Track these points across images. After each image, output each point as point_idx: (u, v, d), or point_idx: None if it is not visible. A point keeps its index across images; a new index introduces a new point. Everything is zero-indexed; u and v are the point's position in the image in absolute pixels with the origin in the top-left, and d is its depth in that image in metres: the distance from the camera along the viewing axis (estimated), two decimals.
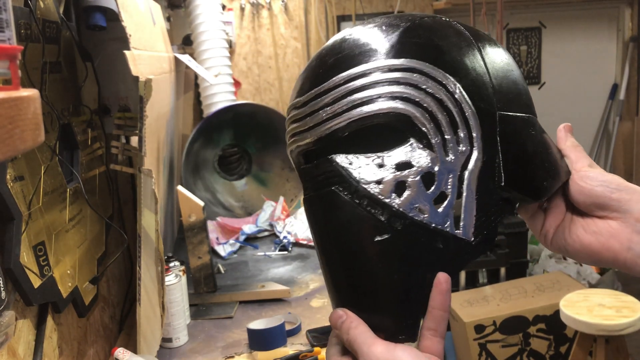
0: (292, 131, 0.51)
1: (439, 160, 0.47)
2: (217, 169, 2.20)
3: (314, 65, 0.51)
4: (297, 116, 0.50)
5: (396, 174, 0.47)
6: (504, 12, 3.07)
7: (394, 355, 0.44)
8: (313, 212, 0.51)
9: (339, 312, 0.48)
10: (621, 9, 3.86)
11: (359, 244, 0.47)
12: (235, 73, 3.18)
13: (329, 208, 0.49)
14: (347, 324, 0.47)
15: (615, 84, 3.93)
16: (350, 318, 0.48)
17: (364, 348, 0.45)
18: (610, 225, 0.48)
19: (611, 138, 3.96)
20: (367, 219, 0.47)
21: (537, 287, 2.65)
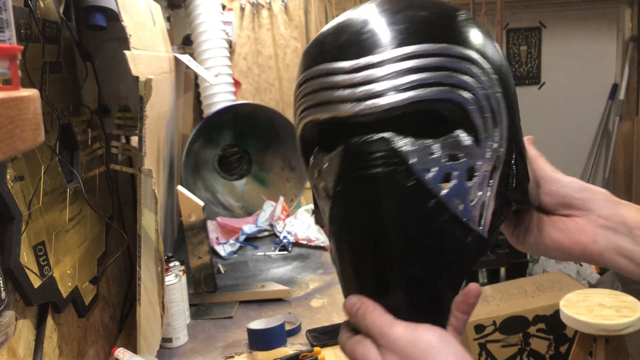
0: (329, 98, 0.46)
1: (481, 156, 0.48)
2: (217, 169, 2.20)
3: (356, 28, 0.47)
4: (344, 82, 0.45)
5: (446, 164, 0.47)
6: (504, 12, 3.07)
7: (417, 334, 0.44)
8: (358, 191, 0.47)
9: (353, 299, 0.48)
10: (621, 9, 3.86)
11: (404, 230, 0.47)
12: (235, 73, 3.18)
13: (380, 189, 0.46)
14: (363, 310, 0.47)
15: (615, 84, 3.93)
16: (365, 303, 0.47)
17: (384, 329, 0.45)
18: (576, 222, 0.52)
19: (611, 138, 3.96)
20: (416, 206, 0.46)
21: (537, 287, 2.65)
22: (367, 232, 0.47)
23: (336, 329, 1.21)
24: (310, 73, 0.48)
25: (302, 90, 0.49)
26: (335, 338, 1.16)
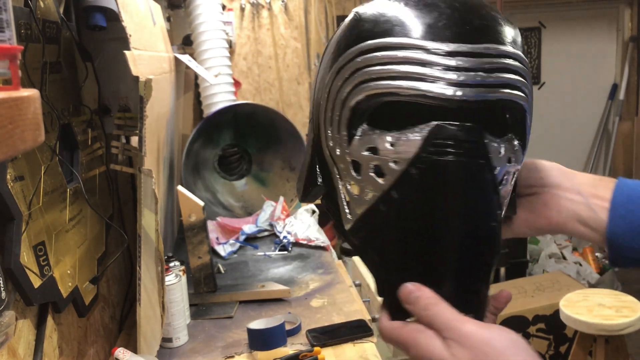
0: (425, 75, 0.45)
1: (520, 162, 0.51)
2: (217, 169, 2.20)
3: (477, 16, 0.47)
4: (466, 64, 0.45)
5: (506, 165, 0.49)
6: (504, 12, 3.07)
7: (492, 334, 0.44)
8: (441, 176, 0.46)
9: (410, 286, 0.47)
10: (621, 9, 3.86)
11: (474, 222, 0.48)
12: (235, 73, 3.18)
13: (465, 177, 0.46)
14: (425, 300, 0.46)
15: (615, 84, 3.93)
16: (425, 293, 0.47)
17: (453, 323, 0.44)
18: (540, 199, 0.57)
19: (611, 138, 3.96)
20: (487, 200, 0.48)
21: (536, 287, 2.66)
22: (441, 218, 0.47)
23: (336, 329, 1.21)
24: (401, 43, 0.46)
25: (379, 56, 0.47)
26: (335, 338, 1.16)
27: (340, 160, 0.51)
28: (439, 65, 0.45)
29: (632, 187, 0.53)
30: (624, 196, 0.53)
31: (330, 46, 0.53)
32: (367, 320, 1.24)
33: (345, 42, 0.50)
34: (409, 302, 0.47)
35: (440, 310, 0.46)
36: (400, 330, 0.48)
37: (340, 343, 1.16)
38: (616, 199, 0.53)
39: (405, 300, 0.48)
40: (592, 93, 3.95)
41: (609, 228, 0.52)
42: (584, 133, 3.99)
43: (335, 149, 0.51)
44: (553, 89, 3.91)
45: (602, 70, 3.93)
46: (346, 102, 0.49)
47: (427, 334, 0.46)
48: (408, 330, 0.47)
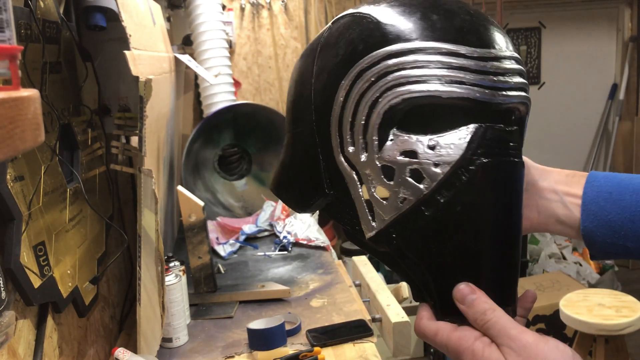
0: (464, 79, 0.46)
1: None
2: (217, 169, 2.20)
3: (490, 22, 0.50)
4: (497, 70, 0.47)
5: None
6: (504, 12, 3.07)
7: (548, 347, 0.44)
8: (493, 177, 0.47)
9: (466, 288, 0.48)
10: (621, 9, 3.86)
11: (518, 221, 0.50)
12: (235, 73, 3.18)
13: (514, 178, 0.49)
14: (482, 305, 0.47)
15: (615, 84, 3.93)
16: (482, 296, 0.47)
17: (512, 332, 0.45)
18: None
19: (611, 138, 3.96)
20: (520, 199, 0.50)
21: (536, 287, 2.65)
22: (494, 218, 0.48)
23: (336, 329, 1.21)
24: (435, 47, 0.46)
25: (411, 59, 0.46)
26: (335, 338, 1.16)
27: (366, 166, 0.49)
28: (473, 70, 0.46)
29: (602, 182, 0.53)
30: (594, 192, 0.53)
31: (334, 47, 0.51)
32: (367, 320, 1.24)
33: (363, 45, 0.48)
34: (464, 303, 0.48)
35: (498, 317, 0.46)
36: (452, 334, 0.48)
37: (340, 343, 1.16)
38: (587, 196, 0.53)
39: (461, 302, 0.48)
40: (592, 93, 3.95)
41: (582, 225, 0.53)
42: (584, 133, 3.99)
43: (360, 155, 0.49)
44: (553, 89, 3.91)
45: (602, 70, 3.93)
46: (376, 105, 0.48)
47: (483, 341, 0.46)
48: (462, 336, 0.47)
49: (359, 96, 0.48)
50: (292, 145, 0.57)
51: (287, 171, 0.58)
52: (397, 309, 1.28)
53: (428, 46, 0.46)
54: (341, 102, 0.50)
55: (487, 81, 0.46)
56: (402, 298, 1.53)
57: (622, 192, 0.52)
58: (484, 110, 0.47)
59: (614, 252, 0.53)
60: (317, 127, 0.53)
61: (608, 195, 0.52)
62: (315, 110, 0.53)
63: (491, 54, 0.47)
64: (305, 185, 0.55)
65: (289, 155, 0.58)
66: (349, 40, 0.50)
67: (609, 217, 0.52)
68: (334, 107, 0.50)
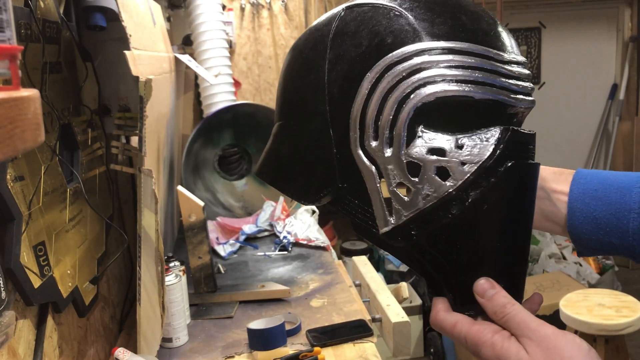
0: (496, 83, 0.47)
1: None
2: (217, 169, 2.20)
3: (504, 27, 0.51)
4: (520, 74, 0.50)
5: None
6: (504, 12, 3.07)
7: (566, 340, 0.45)
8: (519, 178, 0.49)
9: (486, 283, 0.49)
10: (621, 9, 3.86)
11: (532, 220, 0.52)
12: (235, 73, 3.18)
13: (534, 179, 0.51)
14: (502, 299, 0.48)
15: (615, 84, 3.93)
16: (502, 291, 0.49)
17: (532, 325, 0.46)
18: None
19: (611, 138, 3.96)
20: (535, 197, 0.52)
21: (536, 287, 2.65)
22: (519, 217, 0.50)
23: (336, 329, 1.21)
24: (468, 49, 0.47)
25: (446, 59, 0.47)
26: (335, 338, 1.16)
27: (390, 161, 0.49)
28: (503, 74, 0.48)
29: (588, 179, 0.54)
30: (580, 189, 0.54)
31: (356, 36, 0.50)
32: (367, 320, 1.24)
33: (393, 38, 0.48)
34: (484, 297, 0.49)
35: (517, 311, 0.48)
36: (471, 327, 0.49)
37: (340, 343, 1.16)
38: (573, 193, 0.54)
39: (481, 295, 0.49)
40: (592, 93, 3.95)
41: (568, 222, 0.54)
42: (584, 133, 3.99)
43: (384, 150, 0.49)
44: (553, 89, 3.91)
45: (602, 70, 3.93)
46: (407, 101, 0.47)
47: (503, 334, 0.47)
48: (481, 329, 0.48)
49: (387, 90, 0.48)
50: (291, 135, 0.56)
51: (286, 161, 0.57)
52: (397, 309, 1.28)
53: (462, 47, 0.47)
54: (365, 94, 0.49)
55: (514, 86, 0.48)
56: (402, 298, 1.53)
57: (607, 189, 0.53)
58: (508, 113, 0.49)
59: (600, 249, 0.54)
60: (331, 118, 0.51)
61: (594, 192, 0.53)
62: (330, 100, 0.51)
63: (513, 59, 0.49)
64: (312, 177, 0.55)
65: (286, 144, 0.56)
66: (374, 32, 0.49)
67: (595, 214, 0.53)
68: (357, 99, 0.49)
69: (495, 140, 0.47)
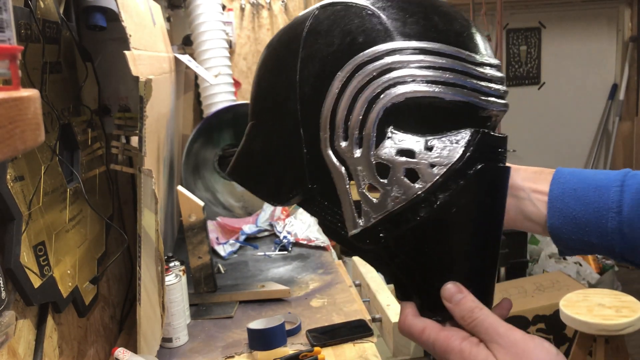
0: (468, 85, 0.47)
1: None
2: (217, 169, 2.20)
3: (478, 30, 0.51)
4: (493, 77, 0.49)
5: None
6: (504, 12, 3.07)
7: (534, 344, 0.45)
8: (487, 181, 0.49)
9: (453, 287, 0.49)
10: (621, 9, 3.86)
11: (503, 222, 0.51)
12: (235, 73, 3.18)
13: (504, 183, 0.50)
14: (470, 303, 0.48)
15: (615, 84, 3.93)
16: (469, 294, 0.49)
17: (500, 330, 0.46)
18: None
19: (611, 138, 3.96)
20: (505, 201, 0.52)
21: (536, 287, 2.66)
22: (488, 220, 0.50)
23: (336, 329, 1.21)
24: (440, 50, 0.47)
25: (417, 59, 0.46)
26: (335, 338, 1.16)
27: (359, 162, 0.48)
28: (475, 76, 0.47)
29: (568, 178, 0.54)
30: (560, 189, 0.54)
31: (327, 35, 0.49)
32: (367, 320, 1.24)
33: (365, 37, 0.47)
34: (452, 302, 0.48)
35: (485, 315, 0.47)
36: (439, 333, 0.48)
37: (340, 343, 1.16)
38: (553, 193, 0.54)
39: (448, 300, 0.49)
40: (592, 93, 3.95)
41: (548, 222, 0.54)
42: (584, 133, 3.99)
43: (353, 151, 0.48)
44: (553, 89, 3.91)
45: (602, 70, 3.93)
46: (376, 101, 0.47)
47: (471, 341, 0.47)
48: (449, 336, 0.47)
49: (358, 90, 0.47)
50: (263, 134, 0.55)
51: (257, 161, 0.56)
52: (397, 309, 1.28)
53: (432, 47, 0.46)
54: (335, 94, 0.48)
55: (485, 87, 0.48)
56: None
57: (586, 189, 0.52)
58: (480, 116, 0.48)
59: (580, 248, 0.54)
60: (302, 117, 0.51)
61: (573, 191, 0.53)
62: (302, 100, 0.50)
63: (486, 61, 0.49)
64: (282, 177, 0.54)
65: (258, 144, 0.55)
66: (346, 31, 0.48)
67: (574, 214, 0.52)
68: (327, 99, 0.49)
69: (465, 143, 0.47)
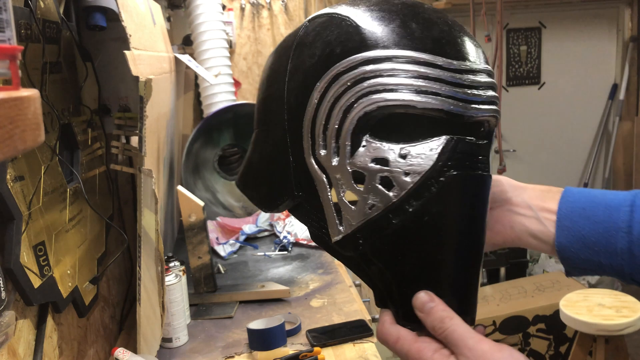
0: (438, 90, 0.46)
1: None
2: (217, 169, 2.20)
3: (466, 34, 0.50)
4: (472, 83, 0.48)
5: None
6: (504, 12, 3.07)
7: (502, 355, 0.45)
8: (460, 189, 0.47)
9: (425, 296, 0.48)
10: (621, 9, 3.86)
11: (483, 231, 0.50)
12: (235, 73, 3.18)
13: (480, 192, 0.49)
14: (440, 312, 0.47)
15: (615, 84, 3.93)
16: (440, 304, 0.48)
17: (469, 342, 0.45)
18: (492, 215, 0.57)
19: (611, 138, 3.96)
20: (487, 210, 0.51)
21: (536, 287, 2.66)
22: (460, 229, 0.48)
23: (336, 329, 1.21)
24: (413, 57, 0.46)
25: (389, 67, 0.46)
26: (335, 338, 1.16)
27: (337, 170, 0.49)
28: (449, 82, 0.46)
29: (577, 198, 0.54)
30: (569, 208, 0.53)
31: (312, 47, 0.50)
32: (367, 320, 1.24)
33: (341, 48, 0.48)
34: (423, 311, 0.48)
35: (456, 325, 0.47)
36: (412, 344, 0.48)
37: (340, 343, 1.16)
38: (561, 211, 0.54)
39: (420, 309, 0.48)
40: (592, 93, 3.95)
41: (556, 240, 0.53)
42: (584, 133, 3.99)
43: (331, 159, 0.49)
44: (553, 89, 3.91)
45: (602, 70, 3.93)
46: (350, 111, 0.47)
47: (442, 353, 0.46)
48: (422, 348, 0.48)
49: (334, 100, 0.48)
50: (261, 143, 0.56)
51: (254, 169, 0.58)
52: None
53: (405, 55, 0.46)
54: (315, 104, 0.49)
55: (461, 94, 0.47)
56: None
57: (595, 208, 0.52)
58: (456, 123, 0.47)
59: (588, 268, 0.53)
60: (289, 127, 0.52)
61: (582, 210, 0.53)
62: (288, 110, 0.52)
63: (466, 67, 0.47)
64: (273, 185, 0.55)
65: (257, 152, 0.57)
66: (327, 42, 0.49)
67: (583, 233, 0.52)
68: (308, 109, 0.50)
69: (438, 151, 0.46)
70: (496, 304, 2.50)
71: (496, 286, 2.72)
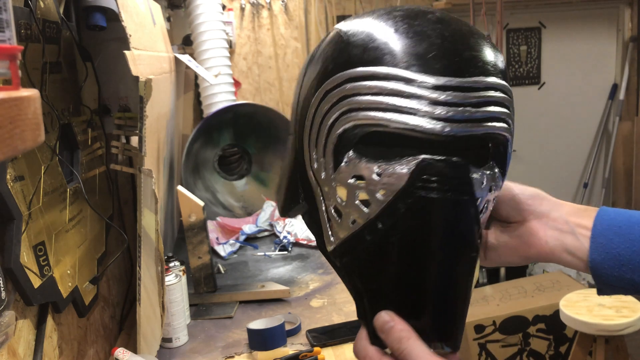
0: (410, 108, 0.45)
1: (500, 189, 0.52)
2: (217, 169, 2.20)
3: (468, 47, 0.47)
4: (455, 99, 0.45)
5: (487, 194, 0.50)
6: (504, 12, 3.07)
7: None
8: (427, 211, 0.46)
9: (385, 316, 0.48)
10: (621, 9, 3.86)
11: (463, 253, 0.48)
12: (235, 73, 3.18)
13: (455, 215, 0.47)
14: (398, 333, 0.47)
15: (615, 84, 3.93)
16: (399, 324, 0.48)
17: None
18: (528, 227, 0.56)
19: (611, 138, 3.96)
20: (473, 232, 0.49)
21: (536, 287, 2.65)
22: (426, 251, 0.47)
23: (336, 329, 1.21)
24: (390, 74, 0.45)
25: (367, 85, 0.46)
26: (335, 338, 1.16)
27: (325, 184, 0.50)
28: (427, 99, 0.44)
29: (612, 216, 0.54)
30: (604, 225, 0.53)
31: (317, 62, 0.51)
32: None
33: (333, 65, 0.48)
34: (382, 331, 0.48)
35: (412, 346, 0.46)
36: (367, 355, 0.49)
37: (340, 343, 1.16)
38: (596, 228, 0.53)
39: (380, 329, 0.48)
40: (592, 93, 3.95)
41: (590, 257, 0.53)
42: (584, 133, 3.99)
43: (320, 172, 0.50)
44: (553, 89, 3.91)
45: (602, 70, 3.93)
46: (333, 128, 0.48)
47: None
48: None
49: (322, 116, 0.49)
50: (287, 149, 0.58)
51: (281, 174, 0.60)
52: None
53: (384, 72, 0.45)
54: (311, 119, 0.50)
55: (443, 112, 0.44)
56: None
57: (631, 226, 0.52)
58: (434, 142, 0.46)
59: (621, 286, 0.53)
60: (297, 138, 0.54)
61: (617, 228, 0.53)
62: (298, 121, 0.54)
63: (454, 84, 0.45)
64: (287, 192, 0.57)
65: (284, 158, 0.59)
66: (325, 58, 0.50)
67: (617, 250, 0.52)
68: (306, 123, 0.51)
69: (410, 171, 0.46)
70: (496, 304, 2.50)
71: (496, 286, 2.72)
